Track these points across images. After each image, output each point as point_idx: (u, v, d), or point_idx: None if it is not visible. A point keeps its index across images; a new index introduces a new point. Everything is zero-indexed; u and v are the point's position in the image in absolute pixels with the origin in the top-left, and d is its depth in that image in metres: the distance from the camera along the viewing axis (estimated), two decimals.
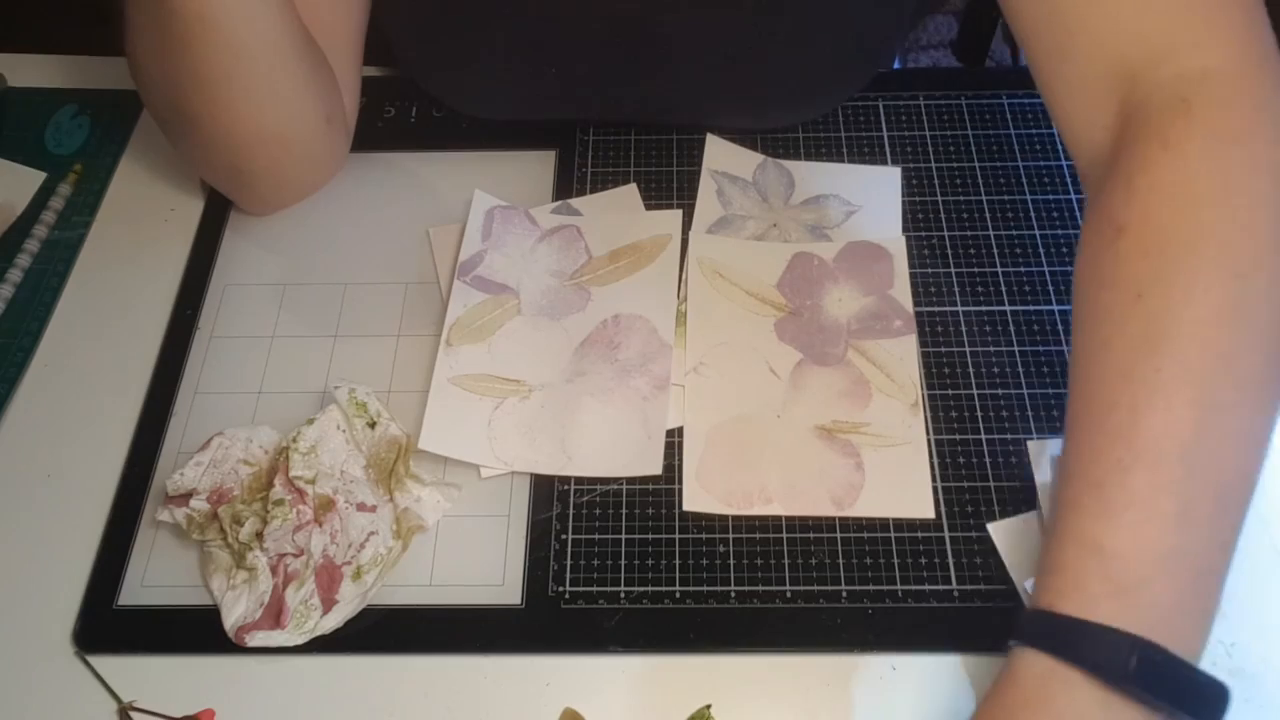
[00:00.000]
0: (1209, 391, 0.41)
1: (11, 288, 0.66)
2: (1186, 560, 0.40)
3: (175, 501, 0.55)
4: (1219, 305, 0.42)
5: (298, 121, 0.63)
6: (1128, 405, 0.42)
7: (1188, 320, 0.42)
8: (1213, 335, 0.42)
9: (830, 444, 0.58)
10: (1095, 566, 0.41)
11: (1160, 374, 0.42)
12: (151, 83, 0.60)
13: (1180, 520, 0.40)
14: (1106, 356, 0.44)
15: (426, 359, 0.62)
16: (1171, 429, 0.41)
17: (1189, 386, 0.41)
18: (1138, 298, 0.43)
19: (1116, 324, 0.44)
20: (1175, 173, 0.45)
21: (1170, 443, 0.41)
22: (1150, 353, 0.42)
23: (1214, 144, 0.45)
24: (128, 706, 0.52)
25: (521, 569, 0.55)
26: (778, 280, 0.64)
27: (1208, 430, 0.41)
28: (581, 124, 0.72)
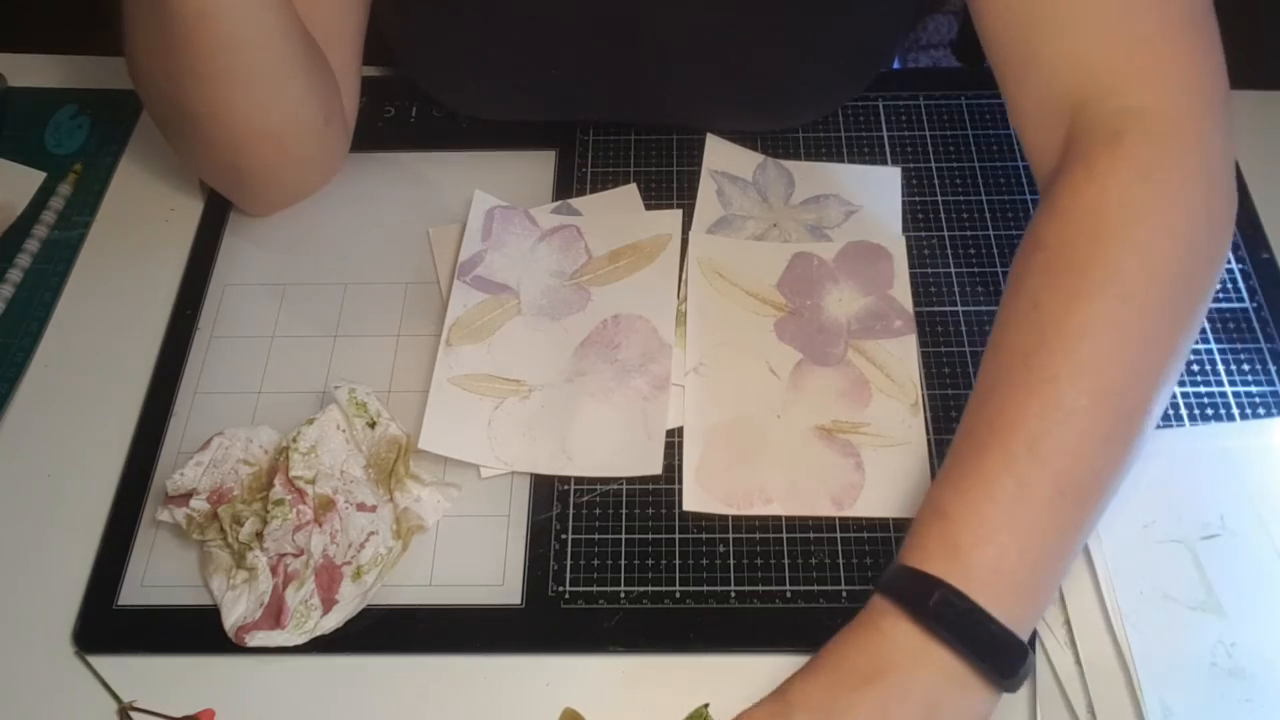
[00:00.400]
0: (1066, 394, 0.45)
1: (11, 288, 0.66)
2: (1016, 535, 0.45)
3: (175, 501, 0.55)
4: (1095, 322, 0.46)
5: (297, 121, 0.63)
6: (999, 400, 0.47)
7: (1063, 331, 0.46)
8: (1081, 346, 0.46)
9: (830, 444, 0.58)
10: (935, 528, 0.46)
11: (1031, 375, 0.46)
12: (151, 81, 0.60)
13: (1015, 500, 0.45)
14: (997, 356, 0.49)
15: (426, 359, 0.62)
16: (1025, 421, 0.46)
17: (1049, 388, 0.46)
18: (1034, 308, 0.48)
19: (1013, 331, 0.49)
20: (1091, 199, 0.49)
21: (1022, 432, 0.46)
22: (1027, 355, 0.47)
23: (1131, 177, 0.48)
24: (128, 706, 0.52)
25: (521, 569, 0.55)
26: (778, 280, 0.64)
27: (1058, 427, 0.45)
28: (581, 124, 0.72)
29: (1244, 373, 0.60)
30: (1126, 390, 0.47)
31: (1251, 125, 0.70)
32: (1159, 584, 0.52)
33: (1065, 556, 0.47)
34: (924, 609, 0.44)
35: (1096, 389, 0.46)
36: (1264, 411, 0.58)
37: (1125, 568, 0.52)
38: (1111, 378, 0.46)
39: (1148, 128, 0.49)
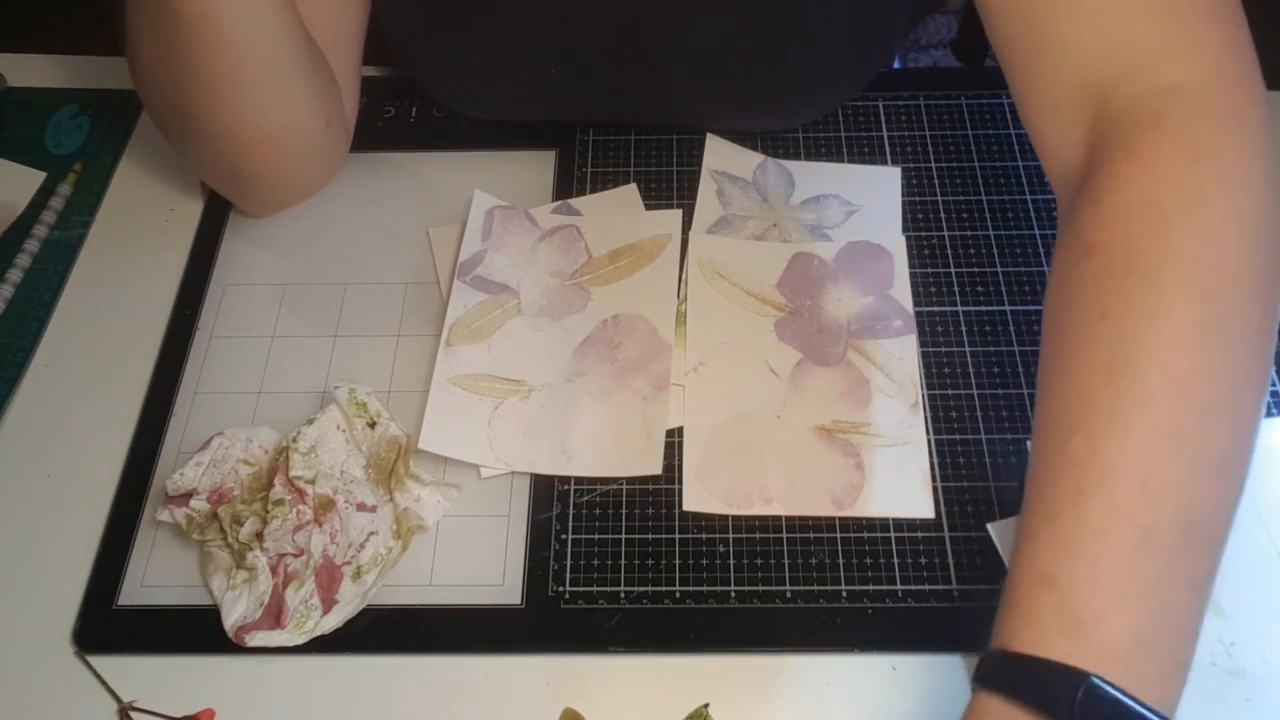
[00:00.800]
0: (1171, 417, 0.39)
1: (11, 288, 0.66)
2: (1148, 594, 0.38)
3: (175, 501, 0.55)
4: (1184, 327, 0.40)
5: (298, 123, 0.63)
6: (1086, 431, 0.40)
7: (1150, 344, 0.40)
8: (1175, 359, 0.40)
9: (830, 444, 0.58)
10: (1048, 600, 0.39)
11: (1120, 399, 0.40)
12: (152, 84, 0.60)
13: (1139, 550, 0.38)
14: (1069, 380, 0.42)
15: (426, 359, 0.62)
16: (1130, 456, 0.39)
17: (1149, 411, 0.39)
18: (1102, 318, 0.42)
19: (1081, 347, 0.42)
20: (1144, 190, 0.43)
21: (1129, 470, 0.39)
22: (1111, 376, 0.40)
23: (1184, 159, 0.43)
24: (128, 706, 0.52)
25: (521, 569, 0.55)
26: (778, 280, 0.64)
27: (1169, 457, 0.39)
28: (581, 124, 0.72)
29: None
30: (1230, 401, 0.40)
31: None
32: None
33: (1201, 614, 0.39)
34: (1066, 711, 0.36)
35: (1201, 405, 0.39)
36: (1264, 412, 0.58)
37: None
38: (1215, 390, 0.40)
39: (1186, 106, 0.44)
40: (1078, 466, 0.40)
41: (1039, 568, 0.39)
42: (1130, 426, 0.39)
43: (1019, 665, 0.38)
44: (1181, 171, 0.43)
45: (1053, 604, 0.38)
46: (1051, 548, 0.39)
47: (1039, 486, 0.41)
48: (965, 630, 0.52)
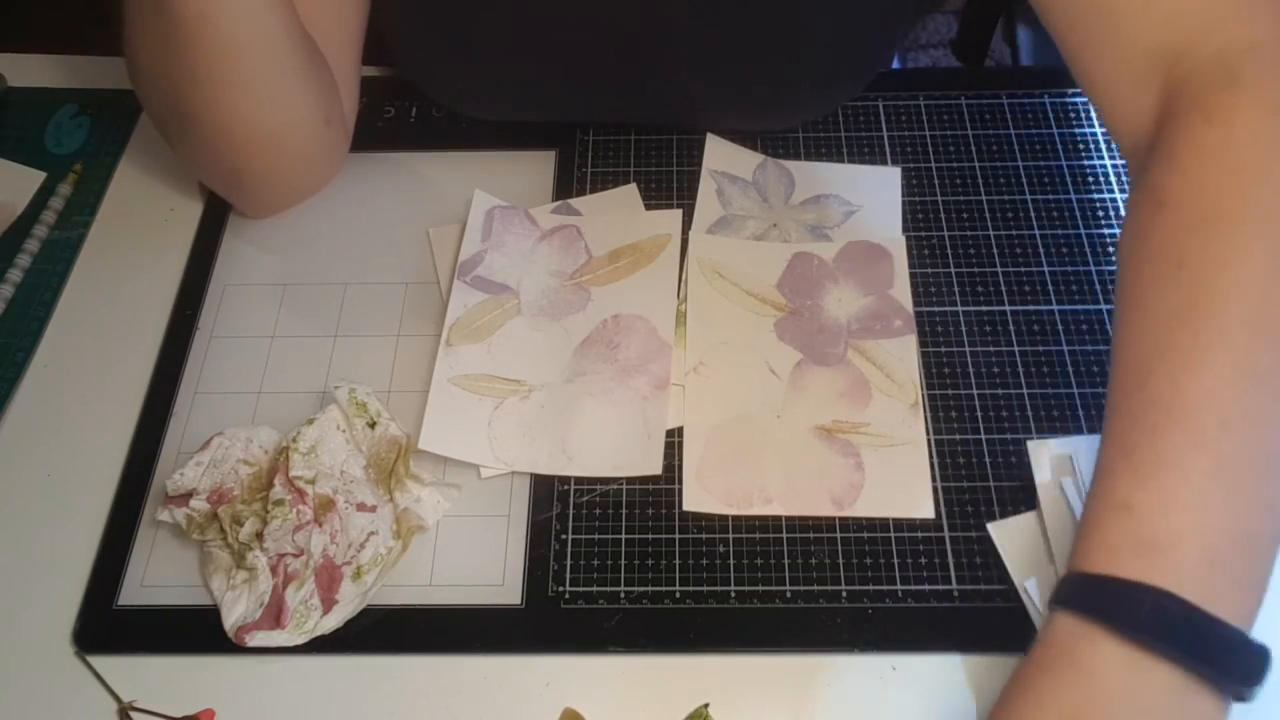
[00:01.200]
0: (1248, 356, 0.40)
1: (11, 288, 0.66)
2: (1222, 518, 0.39)
3: (175, 501, 0.55)
4: (1259, 272, 0.41)
5: (297, 123, 0.63)
6: (1165, 372, 0.41)
7: (1227, 287, 0.41)
8: (1252, 301, 0.41)
9: (830, 444, 0.58)
10: (1122, 524, 0.40)
11: (1198, 339, 0.41)
12: (150, 83, 0.60)
13: (1215, 478, 0.39)
14: (1146, 326, 0.43)
15: (426, 359, 0.62)
16: (1209, 392, 0.40)
17: (1227, 352, 0.40)
18: (1179, 267, 0.42)
19: (1157, 294, 0.43)
20: (1219, 144, 0.44)
21: (1208, 405, 0.40)
22: (1188, 319, 0.41)
23: (1260, 115, 0.44)
24: (128, 706, 0.52)
25: (521, 569, 0.55)
26: (778, 280, 0.64)
27: (1246, 394, 0.40)
28: (581, 124, 0.72)
29: None
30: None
31: None
32: None
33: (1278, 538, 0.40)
34: (1134, 623, 0.38)
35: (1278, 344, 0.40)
36: None
37: None
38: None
39: (1262, 63, 0.44)
40: (1156, 404, 0.41)
41: (1115, 495, 0.40)
42: (1209, 365, 0.40)
43: (1093, 584, 0.39)
44: (1257, 126, 0.44)
45: (1127, 528, 0.39)
46: (1128, 477, 0.40)
47: (1117, 424, 0.42)
48: (965, 630, 0.52)
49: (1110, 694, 0.38)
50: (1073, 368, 0.60)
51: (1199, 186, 0.44)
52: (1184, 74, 0.46)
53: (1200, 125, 0.45)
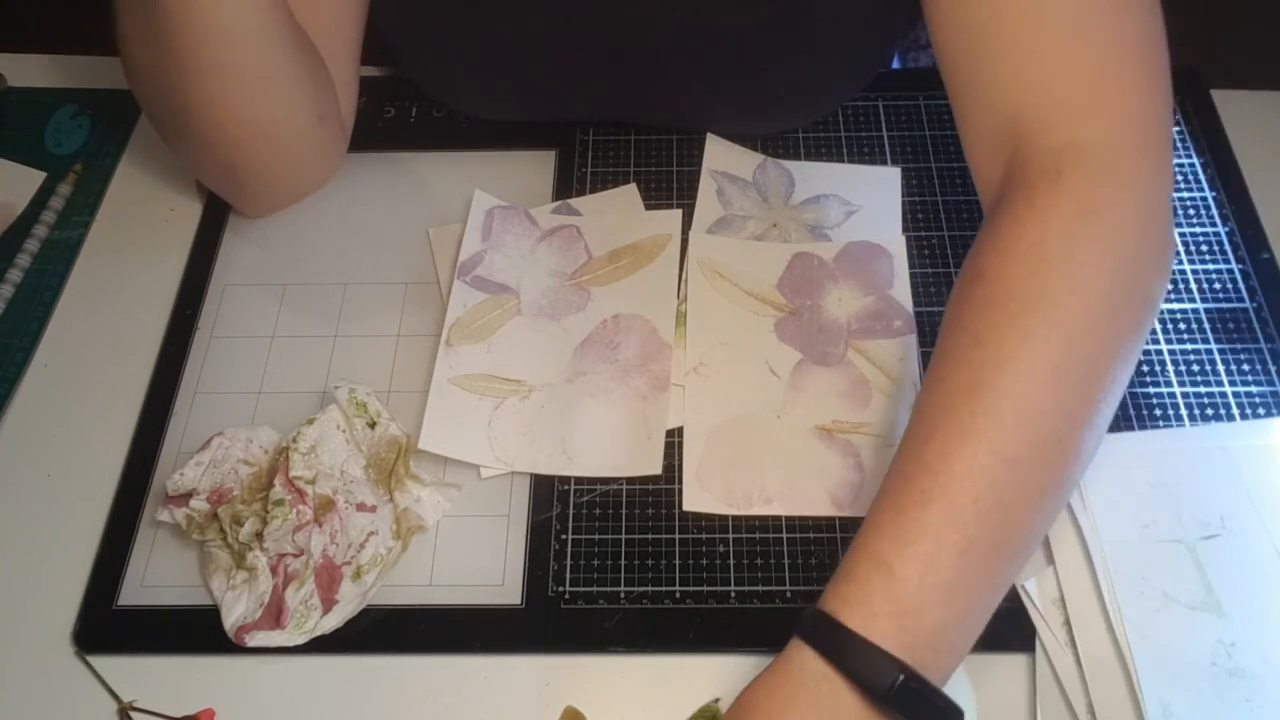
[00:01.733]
0: (1009, 445, 0.45)
1: (11, 288, 0.66)
2: (960, 595, 0.44)
3: (175, 501, 0.55)
4: (1039, 366, 0.45)
5: (288, 117, 0.62)
6: (940, 440, 0.45)
7: (1008, 375, 0.45)
8: (1025, 393, 0.45)
9: (830, 444, 0.58)
10: (881, 585, 0.44)
11: (974, 419, 0.45)
12: (142, 76, 0.60)
13: (962, 557, 0.44)
14: (938, 393, 0.47)
15: (426, 359, 0.62)
16: (971, 472, 0.44)
17: (993, 436, 0.45)
18: (976, 344, 0.47)
19: (954, 366, 0.47)
20: (1033, 234, 0.48)
21: (967, 484, 0.44)
22: (970, 397, 0.46)
23: (1071, 213, 0.48)
24: (128, 706, 0.52)
25: (521, 569, 0.55)
26: (778, 280, 0.64)
27: (999, 480, 0.44)
28: (581, 124, 0.72)
29: (1244, 373, 0.60)
30: (1064, 438, 0.46)
31: (1251, 125, 0.70)
32: (1159, 584, 0.51)
33: (992, 609, 0.46)
34: (880, 692, 0.42)
35: (1038, 438, 0.45)
36: (1264, 411, 0.58)
37: (1125, 568, 0.52)
38: (1053, 426, 0.45)
39: (1087, 164, 0.49)
40: (928, 472, 0.45)
41: (880, 554, 0.44)
42: (974, 445, 0.45)
43: (848, 639, 0.43)
44: (1067, 224, 0.48)
45: (885, 590, 0.43)
46: (893, 539, 0.44)
47: (894, 481, 0.46)
48: None
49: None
50: None
51: (1010, 270, 0.48)
52: (1023, 158, 0.50)
53: (1023, 211, 0.49)
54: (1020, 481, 0.45)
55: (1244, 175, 0.67)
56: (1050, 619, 0.52)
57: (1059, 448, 0.46)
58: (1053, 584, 0.53)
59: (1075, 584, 0.52)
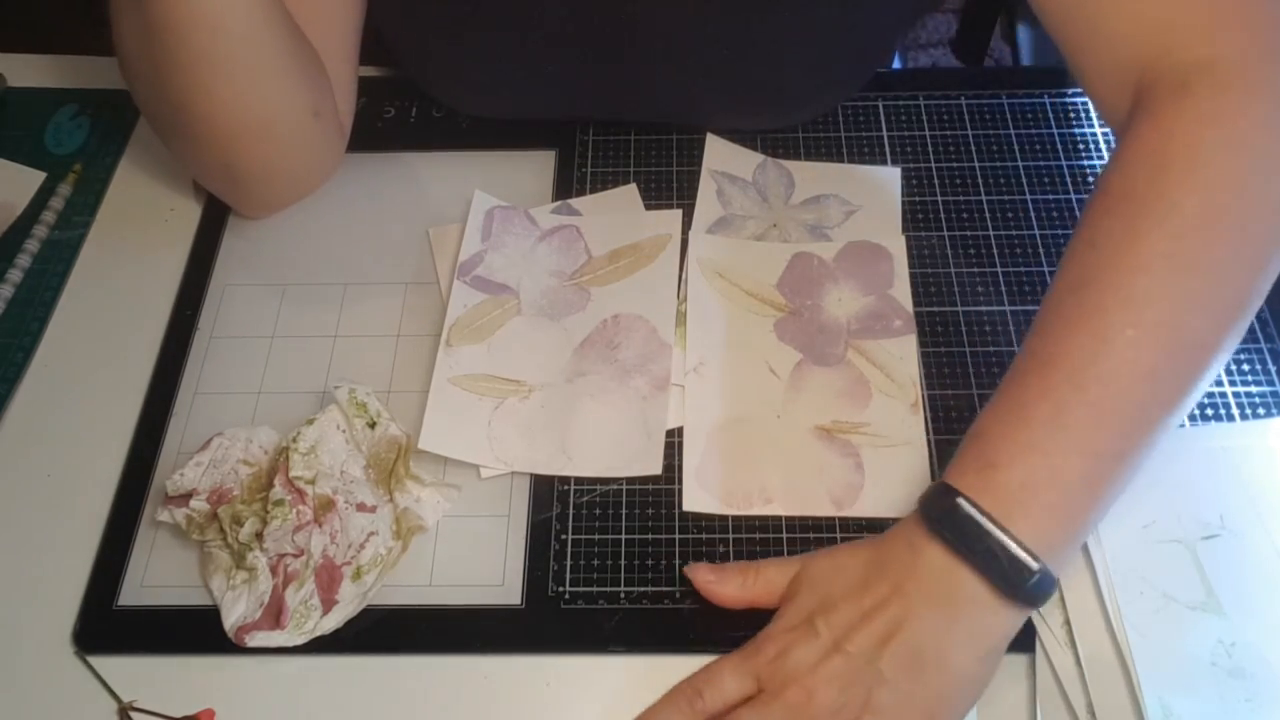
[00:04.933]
0: (1112, 325, 0.46)
1: (11, 288, 0.66)
2: (1048, 456, 0.46)
3: (175, 502, 0.55)
4: (1148, 256, 0.47)
5: (283, 113, 0.62)
6: (1046, 329, 0.49)
7: (1115, 267, 0.47)
8: (1131, 280, 0.47)
9: (830, 444, 0.58)
10: (972, 446, 0.48)
11: (1079, 307, 0.48)
12: (135, 72, 0.60)
13: (1049, 423, 0.46)
14: (1051, 293, 0.50)
15: (426, 359, 0.62)
16: (1069, 351, 0.47)
17: (1094, 318, 0.47)
18: (1090, 246, 0.49)
19: (1070, 267, 0.50)
20: (1154, 144, 0.49)
21: (1064, 361, 0.47)
22: (1077, 289, 0.48)
23: (1197, 122, 0.49)
24: (128, 706, 0.52)
25: (521, 569, 0.55)
26: (778, 280, 0.64)
27: (1100, 356, 0.46)
28: (581, 124, 0.72)
29: (1244, 373, 0.60)
30: (1178, 324, 0.46)
31: None
32: (1159, 584, 0.52)
33: (1104, 484, 0.47)
34: (933, 517, 0.46)
35: (1144, 321, 0.46)
36: (1264, 411, 0.58)
37: (1125, 568, 0.52)
38: (1160, 311, 0.46)
39: (1214, 77, 0.49)
40: (1030, 357, 0.49)
41: (977, 427, 0.49)
42: (1076, 331, 0.47)
43: (937, 490, 0.48)
44: (1191, 132, 0.48)
45: (975, 450, 0.48)
46: (990, 413, 0.49)
47: (1008, 373, 0.50)
48: None
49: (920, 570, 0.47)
50: None
51: (1128, 178, 0.49)
52: (1149, 81, 0.51)
53: (1146, 127, 0.50)
54: (1123, 359, 0.46)
55: None
56: (1050, 619, 0.52)
57: (1171, 333, 0.46)
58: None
59: (1075, 584, 0.52)
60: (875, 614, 0.46)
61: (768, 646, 0.48)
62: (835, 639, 0.46)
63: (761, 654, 0.48)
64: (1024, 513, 0.45)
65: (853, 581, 0.48)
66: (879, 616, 0.46)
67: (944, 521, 0.46)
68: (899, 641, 0.46)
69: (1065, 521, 0.46)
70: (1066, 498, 0.46)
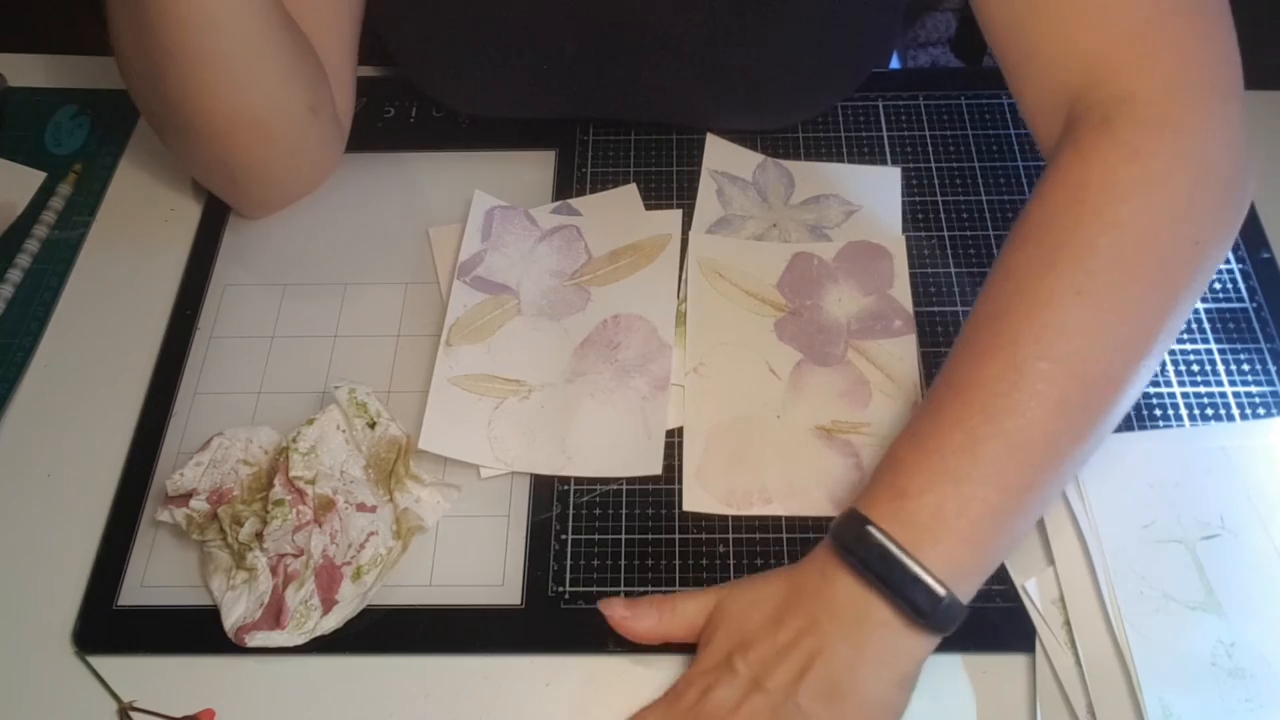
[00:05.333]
0: (1024, 357, 0.47)
1: (11, 288, 0.66)
2: (958, 486, 0.46)
3: (175, 501, 0.55)
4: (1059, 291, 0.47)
5: (279, 109, 0.62)
6: (962, 359, 0.49)
7: (1029, 299, 0.48)
8: (1044, 314, 0.47)
9: (830, 444, 0.58)
10: (886, 474, 0.49)
11: (994, 338, 0.48)
12: (133, 70, 0.60)
13: (962, 453, 0.46)
14: (970, 322, 0.51)
15: (426, 359, 0.62)
16: (983, 382, 0.47)
17: (1007, 350, 0.47)
18: (1007, 277, 0.50)
19: (985, 298, 0.50)
20: (1075, 178, 0.50)
21: (978, 391, 0.47)
22: (994, 320, 0.49)
23: (1117, 158, 0.49)
24: (128, 706, 0.52)
25: (521, 569, 0.55)
26: (778, 280, 0.64)
27: (1012, 389, 0.47)
28: (581, 123, 0.72)
29: (1244, 373, 0.60)
30: (1088, 359, 0.47)
31: (1252, 125, 0.69)
32: (1159, 584, 0.52)
33: (1013, 517, 0.47)
34: (845, 545, 0.47)
35: (1055, 354, 0.47)
36: (1264, 411, 0.58)
37: (1125, 568, 0.52)
38: (1071, 345, 0.47)
39: (1136, 113, 0.49)
40: (946, 385, 0.49)
41: (894, 453, 0.49)
42: (990, 361, 0.48)
43: (849, 518, 0.48)
44: (1109, 168, 0.49)
45: (889, 479, 0.48)
46: (906, 439, 0.49)
47: (929, 395, 0.50)
48: (965, 630, 0.52)
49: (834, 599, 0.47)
50: None
51: (1047, 209, 0.50)
52: (1078, 112, 0.51)
53: (1070, 157, 0.50)
54: (1034, 392, 0.46)
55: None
56: (1050, 619, 0.52)
57: (1081, 367, 0.47)
58: (1053, 584, 0.53)
59: (1075, 584, 0.52)
60: (791, 648, 0.47)
61: (688, 692, 0.48)
62: (754, 676, 0.47)
63: (683, 699, 0.47)
64: (933, 541, 0.46)
65: (768, 615, 0.48)
66: (794, 650, 0.47)
67: (855, 549, 0.47)
68: (815, 673, 0.46)
69: (974, 551, 0.47)
70: (976, 528, 0.46)
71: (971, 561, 0.47)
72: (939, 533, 0.46)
